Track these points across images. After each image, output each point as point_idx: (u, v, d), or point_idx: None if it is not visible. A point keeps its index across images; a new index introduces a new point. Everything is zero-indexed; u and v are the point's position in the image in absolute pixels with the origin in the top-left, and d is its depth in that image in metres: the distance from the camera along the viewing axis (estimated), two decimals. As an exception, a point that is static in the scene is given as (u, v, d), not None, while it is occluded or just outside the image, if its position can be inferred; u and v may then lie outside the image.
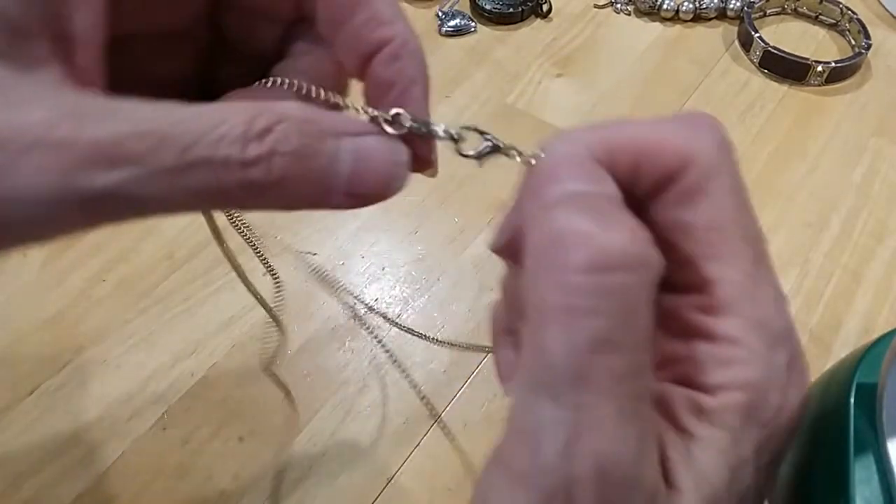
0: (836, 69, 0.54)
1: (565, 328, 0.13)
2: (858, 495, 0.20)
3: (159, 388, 0.39)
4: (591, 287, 0.13)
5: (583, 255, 0.13)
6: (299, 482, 0.36)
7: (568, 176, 0.14)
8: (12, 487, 0.35)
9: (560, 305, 0.13)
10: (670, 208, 0.15)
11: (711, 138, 0.16)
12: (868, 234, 0.46)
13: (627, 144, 0.15)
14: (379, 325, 0.41)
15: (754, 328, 0.15)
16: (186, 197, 0.14)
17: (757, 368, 0.15)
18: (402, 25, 0.17)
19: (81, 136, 0.13)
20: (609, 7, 0.61)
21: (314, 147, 0.15)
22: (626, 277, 0.13)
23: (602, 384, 0.13)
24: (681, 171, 0.15)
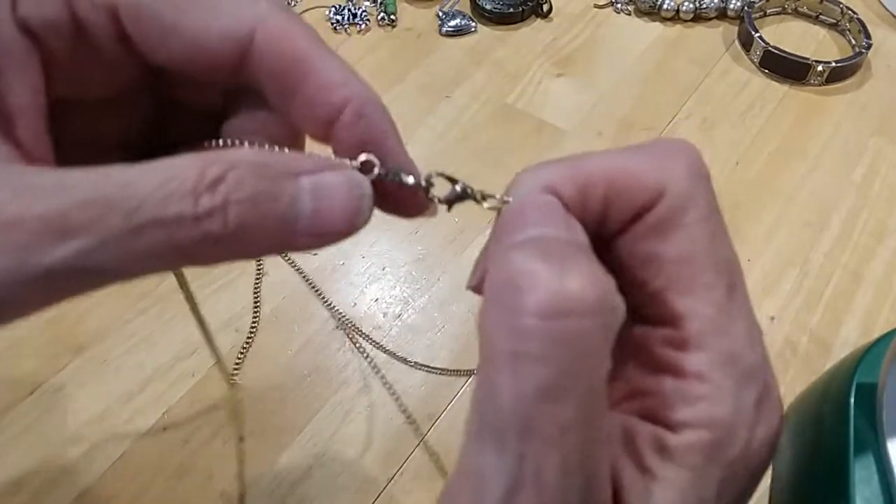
0: (836, 69, 0.54)
1: (512, 375, 0.13)
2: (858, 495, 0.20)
3: (159, 388, 0.39)
4: (542, 333, 0.13)
5: (534, 298, 0.13)
6: (299, 482, 0.36)
7: (532, 220, 0.14)
8: (12, 487, 0.35)
9: (508, 350, 0.13)
10: (641, 241, 0.15)
11: (684, 167, 0.15)
12: (868, 234, 0.46)
13: (598, 178, 0.15)
14: (379, 325, 0.41)
15: (724, 364, 0.14)
16: (143, 260, 0.14)
17: (723, 406, 0.14)
18: (356, 83, 0.17)
19: (28, 212, 0.13)
20: (609, 7, 0.61)
21: (271, 190, 0.14)
22: (579, 324, 0.13)
23: (547, 434, 0.13)
24: (652, 203, 0.15)
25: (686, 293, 0.15)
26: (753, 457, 0.15)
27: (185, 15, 0.15)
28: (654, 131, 0.52)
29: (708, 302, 0.15)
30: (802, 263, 0.45)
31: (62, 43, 0.16)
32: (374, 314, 0.42)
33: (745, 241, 0.46)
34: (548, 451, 0.13)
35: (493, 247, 0.15)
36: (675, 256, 0.15)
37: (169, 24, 0.15)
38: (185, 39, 0.16)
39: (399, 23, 0.59)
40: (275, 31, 0.16)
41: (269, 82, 0.16)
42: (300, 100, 0.16)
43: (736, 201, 0.48)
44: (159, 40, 0.16)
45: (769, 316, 0.42)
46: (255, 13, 0.16)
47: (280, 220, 0.15)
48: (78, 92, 0.17)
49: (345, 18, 0.58)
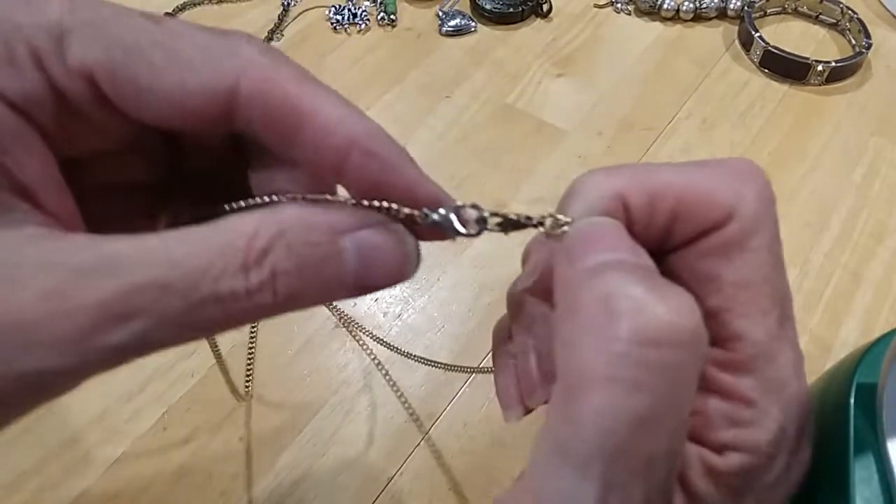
0: (836, 69, 0.54)
1: (606, 400, 0.12)
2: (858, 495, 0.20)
3: (159, 388, 0.39)
4: (640, 360, 0.12)
5: (636, 324, 0.12)
6: (299, 482, 0.36)
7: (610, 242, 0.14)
8: (12, 487, 0.35)
9: (603, 375, 0.12)
10: (703, 259, 0.15)
11: (755, 191, 0.15)
12: (868, 234, 0.46)
13: (669, 191, 0.15)
14: (379, 325, 0.41)
15: (771, 390, 0.14)
16: (200, 331, 0.15)
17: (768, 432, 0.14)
18: (355, 119, 0.16)
19: (86, 298, 0.13)
20: (609, 7, 0.61)
21: (315, 255, 0.15)
22: (677, 354, 0.12)
23: (637, 466, 0.12)
24: (720, 223, 0.15)
25: (742, 317, 0.15)
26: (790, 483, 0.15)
27: (161, 74, 0.15)
28: (654, 131, 0.52)
29: (762, 328, 0.15)
30: (802, 263, 0.45)
31: (47, 112, 0.15)
32: (375, 314, 0.42)
33: (745, 241, 0.46)
34: (636, 481, 0.12)
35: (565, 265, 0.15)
36: (737, 279, 0.15)
37: (145, 85, 0.15)
38: (163, 98, 0.15)
39: (399, 23, 0.59)
40: (259, 78, 0.15)
41: (264, 132, 0.16)
42: (302, 146, 0.16)
43: (736, 201, 0.48)
44: (137, 101, 0.15)
45: (769, 316, 0.42)
46: (236, 63, 0.15)
47: (325, 282, 0.15)
48: (81, 151, 0.17)
49: (345, 18, 0.58)
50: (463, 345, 0.41)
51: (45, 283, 0.13)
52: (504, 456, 0.37)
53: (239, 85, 0.15)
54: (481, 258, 0.44)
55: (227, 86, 0.15)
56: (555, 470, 0.13)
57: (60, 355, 0.13)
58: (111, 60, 0.15)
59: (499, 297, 0.42)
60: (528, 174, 0.48)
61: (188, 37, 0.15)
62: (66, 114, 0.16)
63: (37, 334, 0.13)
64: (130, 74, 0.15)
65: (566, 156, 0.50)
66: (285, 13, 0.59)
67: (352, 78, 0.55)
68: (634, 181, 0.15)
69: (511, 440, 0.37)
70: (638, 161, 0.50)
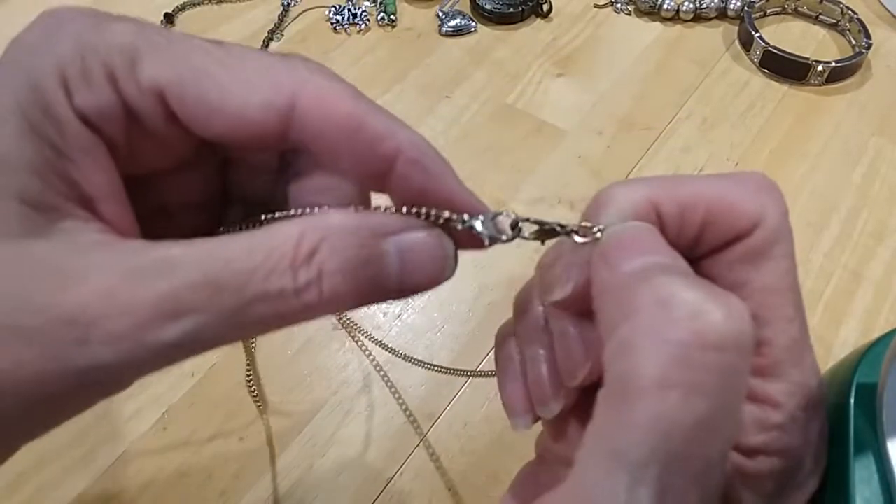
0: (836, 69, 0.54)
1: (665, 405, 0.12)
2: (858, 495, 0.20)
3: (159, 388, 0.39)
4: (699, 363, 0.12)
5: (693, 327, 0.12)
6: (299, 482, 0.36)
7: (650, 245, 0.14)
8: (12, 487, 0.35)
9: (661, 378, 0.12)
10: (732, 267, 0.16)
11: (777, 202, 0.16)
12: (868, 234, 0.46)
13: (699, 200, 0.16)
14: (379, 325, 0.41)
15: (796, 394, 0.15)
16: (249, 330, 0.15)
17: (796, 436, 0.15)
18: (403, 131, 0.17)
19: (141, 296, 0.14)
20: (609, 7, 0.61)
21: (359, 257, 0.15)
22: (732, 358, 0.12)
23: (693, 471, 0.12)
24: (748, 232, 0.15)
25: (769, 323, 0.15)
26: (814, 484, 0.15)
27: (228, 91, 0.16)
28: (654, 131, 0.52)
29: (788, 334, 0.15)
30: (802, 263, 0.45)
31: (117, 128, 0.16)
32: (374, 314, 0.42)
33: (745, 241, 0.46)
34: (691, 486, 0.12)
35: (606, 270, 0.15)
36: (764, 286, 0.15)
37: (213, 102, 0.16)
38: (229, 114, 0.16)
39: (399, 23, 0.59)
40: (315, 94, 0.16)
41: (316, 145, 0.17)
42: (350, 157, 0.17)
43: (736, 201, 0.48)
44: (205, 118, 0.16)
45: (769, 316, 0.42)
46: (294, 81, 0.16)
47: (369, 282, 0.15)
48: (141, 168, 0.18)
49: (345, 18, 0.58)
50: (463, 345, 0.41)
51: (101, 282, 0.14)
52: (504, 456, 0.37)
53: (297, 100, 0.16)
54: (481, 258, 0.44)
55: (285, 102, 0.16)
56: (608, 474, 0.13)
57: (116, 352, 0.14)
58: (181, 79, 0.16)
59: (499, 298, 0.42)
60: (528, 174, 0.48)
61: (250, 57, 0.17)
62: (135, 130, 0.17)
63: (93, 330, 0.14)
64: (199, 92, 0.16)
65: (566, 156, 0.50)
66: (285, 13, 0.59)
67: (352, 78, 0.54)
68: (664, 190, 0.16)
69: (511, 440, 0.37)
70: (638, 161, 0.50)
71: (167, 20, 0.58)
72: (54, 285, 0.14)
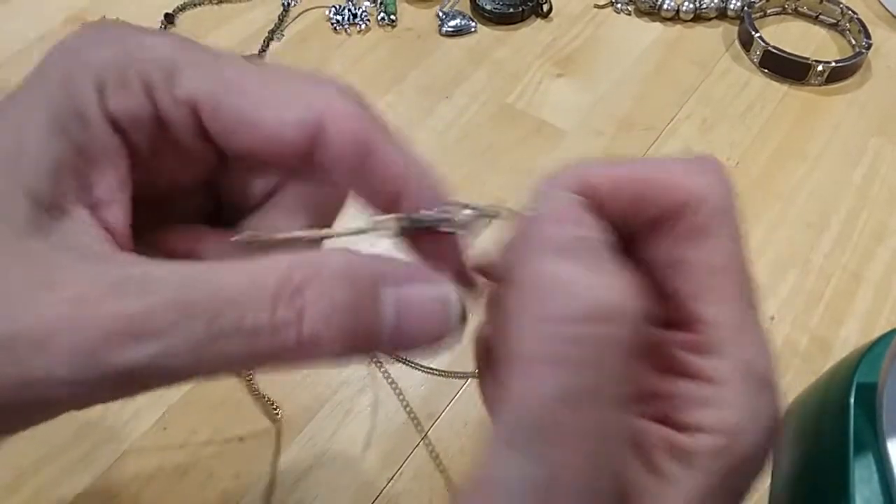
0: (836, 69, 0.54)
1: (541, 379, 0.13)
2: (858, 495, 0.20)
3: (159, 388, 0.39)
4: (570, 337, 0.13)
5: (564, 302, 0.13)
6: (299, 482, 0.36)
7: (561, 220, 0.15)
8: (12, 487, 0.35)
9: (537, 354, 0.13)
10: (674, 245, 0.15)
11: (722, 183, 0.16)
12: (868, 235, 0.46)
13: (633, 178, 0.16)
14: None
15: (741, 371, 0.15)
16: (217, 365, 0.14)
17: (739, 412, 0.14)
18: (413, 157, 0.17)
19: (108, 311, 0.13)
20: (609, 7, 0.61)
21: (349, 303, 0.14)
22: (608, 329, 0.13)
23: (575, 440, 0.13)
24: (688, 208, 0.15)
25: (712, 301, 0.15)
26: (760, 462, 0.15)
27: (262, 107, 0.16)
28: (654, 131, 0.52)
29: (731, 312, 0.15)
30: (802, 264, 0.45)
31: (144, 137, 0.16)
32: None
33: (745, 241, 0.46)
34: (573, 456, 0.13)
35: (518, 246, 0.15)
36: (706, 264, 0.15)
37: (247, 118, 0.16)
38: (262, 131, 0.16)
39: (399, 23, 0.59)
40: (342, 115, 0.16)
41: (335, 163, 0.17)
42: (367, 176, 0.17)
43: (736, 201, 0.48)
44: (237, 133, 0.16)
45: (769, 316, 0.42)
46: (325, 100, 0.16)
47: (357, 331, 0.14)
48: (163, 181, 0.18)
49: (345, 18, 0.58)
50: (463, 345, 0.41)
51: (74, 292, 0.13)
52: (504, 456, 0.37)
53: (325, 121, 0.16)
54: (481, 258, 0.44)
55: (315, 120, 0.16)
56: (499, 453, 0.13)
57: (69, 366, 0.13)
58: (216, 93, 0.16)
59: (499, 298, 0.42)
60: (528, 174, 0.48)
61: (284, 76, 0.17)
62: (163, 140, 0.17)
63: (49, 341, 0.13)
64: (233, 107, 0.16)
65: (566, 156, 0.50)
66: (285, 13, 0.59)
67: (352, 78, 0.55)
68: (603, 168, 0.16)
69: (511, 440, 0.37)
70: (638, 161, 0.50)
71: (167, 20, 0.58)
72: (36, 288, 0.13)
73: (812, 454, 0.24)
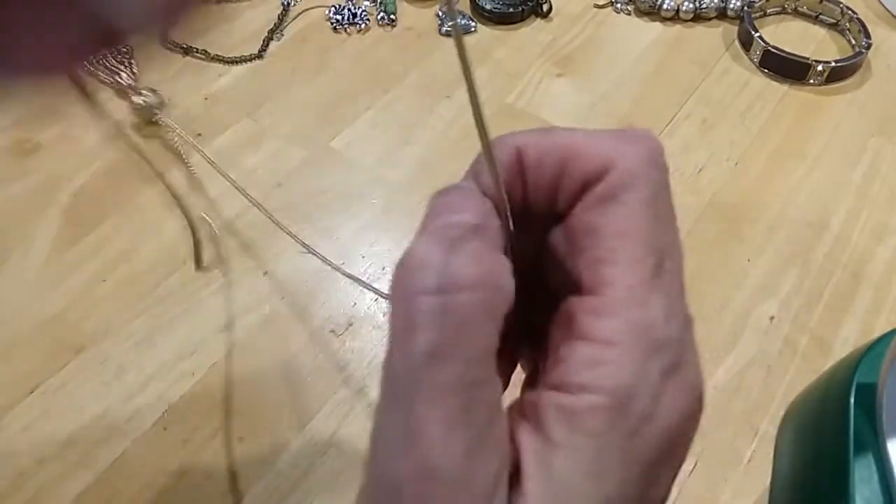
0: (836, 69, 0.54)
1: (403, 343, 0.14)
2: (858, 495, 0.20)
3: (159, 388, 0.39)
4: (426, 306, 0.14)
5: (420, 277, 0.14)
6: (299, 482, 0.36)
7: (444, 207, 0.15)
8: (13, 486, 0.35)
9: (402, 324, 0.14)
10: (586, 212, 0.16)
11: (638, 151, 0.16)
12: (868, 234, 0.46)
13: (556, 148, 0.16)
14: (379, 325, 0.41)
15: (634, 333, 0.14)
16: None
17: (626, 372, 0.14)
18: None
19: None
20: (609, 7, 0.61)
21: None
22: (458, 298, 0.14)
23: (433, 393, 0.14)
24: (601, 174, 0.16)
25: (612, 264, 0.15)
26: (661, 428, 0.14)
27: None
28: (655, 131, 0.52)
29: (631, 273, 0.15)
30: (802, 263, 0.45)
31: None
32: (375, 314, 0.42)
33: (745, 241, 0.46)
34: (432, 409, 0.14)
35: None
36: (613, 229, 0.15)
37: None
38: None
39: (399, 23, 0.59)
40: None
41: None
42: None
43: (736, 201, 0.48)
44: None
45: (769, 316, 0.42)
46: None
47: None
48: None
49: (345, 18, 0.58)
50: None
51: None
52: (504, 456, 0.37)
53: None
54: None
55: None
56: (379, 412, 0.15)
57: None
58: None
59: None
60: (528, 174, 0.48)
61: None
62: None
63: None
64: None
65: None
66: (285, 13, 0.59)
67: (352, 78, 0.55)
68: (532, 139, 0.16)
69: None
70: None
71: (167, 20, 0.58)
72: None
73: (812, 454, 0.24)
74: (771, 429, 0.37)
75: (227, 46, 0.57)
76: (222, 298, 0.42)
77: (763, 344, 0.41)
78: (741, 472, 0.36)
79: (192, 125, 0.51)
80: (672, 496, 0.22)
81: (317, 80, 0.55)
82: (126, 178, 0.48)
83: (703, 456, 0.37)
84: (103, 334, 0.40)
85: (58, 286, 0.42)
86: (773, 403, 0.39)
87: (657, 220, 0.15)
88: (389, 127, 0.52)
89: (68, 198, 0.47)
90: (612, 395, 0.14)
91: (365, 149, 0.50)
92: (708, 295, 0.43)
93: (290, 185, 0.48)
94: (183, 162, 0.48)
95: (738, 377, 0.40)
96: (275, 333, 0.41)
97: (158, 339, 0.40)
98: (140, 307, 0.42)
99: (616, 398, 0.14)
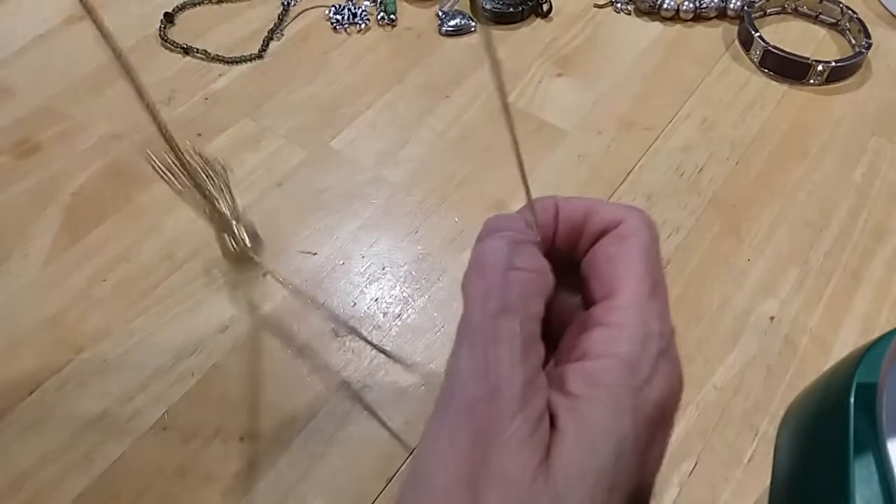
0: (836, 69, 0.54)
1: (481, 302, 0.19)
2: (858, 495, 0.20)
3: (159, 388, 0.39)
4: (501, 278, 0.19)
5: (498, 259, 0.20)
6: (299, 482, 0.36)
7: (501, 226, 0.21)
8: (13, 487, 0.35)
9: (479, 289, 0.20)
10: (606, 246, 0.22)
11: (640, 215, 0.22)
12: (868, 234, 0.46)
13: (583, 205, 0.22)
14: (379, 325, 0.41)
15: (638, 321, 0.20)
16: None
17: (632, 345, 0.19)
18: None
19: None
20: (609, 7, 0.61)
21: None
22: (523, 276, 0.20)
23: (502, 336, 0.19)
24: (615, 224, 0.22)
25: (623, 278, 0.21)
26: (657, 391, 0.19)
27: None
28: (654, 130, 0.52)
29: (637, 285, 0.20)
30: (802, 263, 0.45)
31: None
32: (374, 314, 0.42)
33: (745, 240, 0.46)
34: (502, 346, 0.19)
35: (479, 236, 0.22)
36: (625, 257, 0.21)
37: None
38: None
39: (399, 22, 0.59)
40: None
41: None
42: None
43: (736, 201, 0.48)
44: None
45: (769, 316, 0.42)
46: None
47: None
48: None
49: (345, 18, 0.58)
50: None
51: None
52: (504, 456, 0.37)
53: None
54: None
55: None
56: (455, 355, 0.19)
57: None
58: None
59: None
60: (529, 174, 0.48)
61: None
62: None
63: None
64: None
65: (566, 155, 0.50)
66: (285, 13, 0.59)
67: (352, 78, 0.55)
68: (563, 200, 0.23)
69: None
70: (638, 161, 0.50)
71: (167, 20, 0.58)
72: None
73: (812, 454, 0.24)
74: (771, 429, 0.37)
75: (227, 46, 0.57)
76: (222, 298, 0.42)
77: (763, 344, 0.41)
78: (741, 472, 0.36)
79: (192, 125, 0.51)
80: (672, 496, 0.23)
81: (317, 80, 0.55)
82: (126, 178, 0.48)
83: (703, 456, 0.37)
84: (103, 334, 0.40)
85: (57, 286, 0.42)
86: (773, 403, 0.39)
87: (652, 260, 0.21)
88: (389, 127, 0.52)
89: (68, 198, 0.47)
90: (622, 359, 0.19)
91: (365, 149, 0.50)
92: (708, 295, 0.43)
93: (290, 185, 0.48)
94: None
95: (738, 377, 0.40)
96: (275, 333, 0.41)
97: (158, 339, 0.40)
98: (140, 307, 0.42)
99: (626, 361, 0.19)
